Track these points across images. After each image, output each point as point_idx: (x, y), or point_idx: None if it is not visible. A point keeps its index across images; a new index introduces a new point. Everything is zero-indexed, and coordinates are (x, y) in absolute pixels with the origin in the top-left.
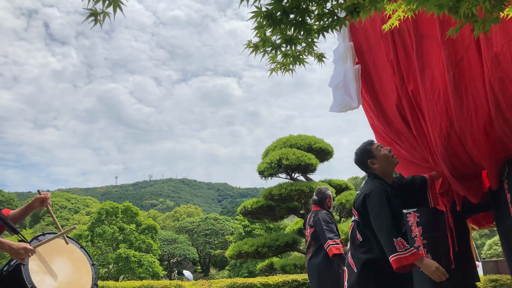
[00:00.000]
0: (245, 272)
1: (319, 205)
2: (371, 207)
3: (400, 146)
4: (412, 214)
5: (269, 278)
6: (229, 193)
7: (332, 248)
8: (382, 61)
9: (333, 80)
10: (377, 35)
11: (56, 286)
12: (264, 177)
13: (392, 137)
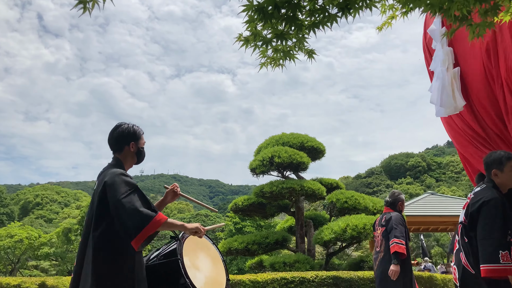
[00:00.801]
0: (235, 269)
1: (390, 207)
2: (484, 214)
3: (492, 148)
4: None
5: (257, 275)
6: (221, 190)
7: (395, 246)
8: (479, 71)
9: (436, 85)
10: (474, 46)
11: (204, 282)
12: (255, 174)
13: (483, 142)
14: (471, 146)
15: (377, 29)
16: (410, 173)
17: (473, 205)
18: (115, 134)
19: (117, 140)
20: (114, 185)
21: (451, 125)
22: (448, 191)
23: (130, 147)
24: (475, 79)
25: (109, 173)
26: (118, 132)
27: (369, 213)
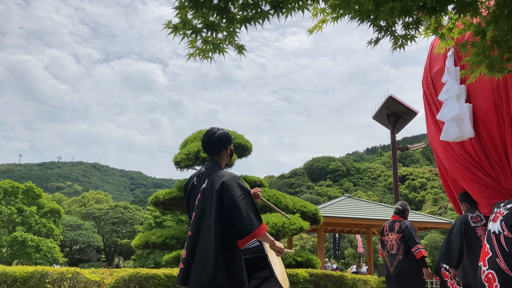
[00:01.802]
0: (152, 263)
1: (400, 215)
2: None
3: (489, 175)
4: None
5: (173, 270)
6: (143, 182)
7: (422, 251)
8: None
9: (449, 114)
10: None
11: (280, 277)
12: (180, 168)
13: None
14: (464, 169)
15: (308, 31)
16: (331, 176)
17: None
18: (214, 139)
19: (216, 144)
20: (231, 186)
21: (447, 149)
22: (364, 196)
23: (227, 150)
24: (485, 115)
25: (226, 174)
26: (217, 137)
27: (289, 211)
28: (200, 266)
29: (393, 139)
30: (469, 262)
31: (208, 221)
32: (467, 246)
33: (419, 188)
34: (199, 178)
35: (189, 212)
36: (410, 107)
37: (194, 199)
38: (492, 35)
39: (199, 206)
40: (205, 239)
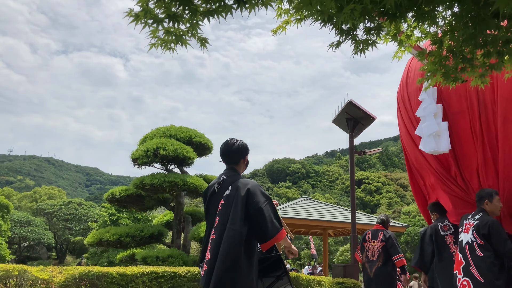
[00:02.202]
0: (105, 261)
1: (383, 225)
2: (496, 231)
3: (460, 187)
4: None
5: (127, 268)
6: (99, 178)
7: (403, 260)
8: (463, 126)
9: (426, 130)
10: (461, 105)
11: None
12: (137, 165)
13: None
14: (437, 180)
15: (271, 31)
16: (290, 178)
17: (483, 227)
18: (234, 149)
19: (236, 154)
20: (256, 193)
21: (423, 161)
22: (321, 198)
23: (245, 159)
24: (461, 132)
25: (250, 182)
26: (237, 147)
27: None
28: (226, 266)
29: (351, 143)
30: (439, 268)
31: (232, 225)
32: (437, 253)
33: (375, 192)
34: (220, 185)
35: (209, 216)
36: (369, 112)
37: (215, 204)
38: (448, 45)
39: (223, 211)
40: (230, 242)
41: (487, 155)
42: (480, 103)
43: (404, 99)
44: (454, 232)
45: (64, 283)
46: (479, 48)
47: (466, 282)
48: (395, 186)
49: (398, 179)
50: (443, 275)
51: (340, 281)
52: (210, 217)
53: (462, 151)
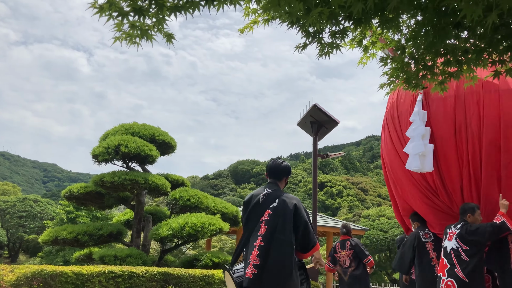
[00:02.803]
0: (61, 260)
1: (347, 234)
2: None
3: (443, 202)
4: None
5: (83, 268)
6: (58, 175)
7: (372, 261)
8: (451, 147)
9: (413, 150)
10: (450, 130)
11: None
12: (98, 162)
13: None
14: (421, 194)
15: (239, 31)
16: (254, 180)
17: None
18: (281, 168)
19: (282, 172)
20: (301, 209)
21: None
22: None
23: (286, 178)
24: (447, 153)
25: (294, 198)
26: (283, 167)
27: (209, 212)
28: (279, 269)
29: (315, 146)
30: (419, 270)
31: (282, 235)
32: (418, 257)
33: (336, 196)
34: (266, 197)
35: (250, 222)
36: (333, 116)
37: (259, 213)
38: (410, 52)
39: (271, 221)
40: (280, 249)
41: (471, 174)
42: (468, 129)
43: (394, 118)
44: (433, 240)
45: (15, 282)
46: (439, 56)
47: (451, 282)
48: (356, 190)
49: (359, 183)
50: (422, 277)
51: None
52: (252, 223)
53: (448, 170)
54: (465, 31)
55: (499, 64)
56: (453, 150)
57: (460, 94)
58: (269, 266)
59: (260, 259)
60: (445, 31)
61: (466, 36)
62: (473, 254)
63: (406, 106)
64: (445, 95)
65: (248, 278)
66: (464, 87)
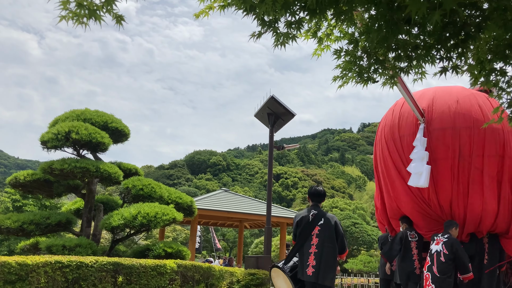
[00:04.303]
0: (5, 250)
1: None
2: (460, 251)
3: (433, 210)
4: None
5: (27, 258)
6: (4, 162)
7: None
8: (445, 168)
9: (414, 169)
10: (447, 152)
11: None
12: (47, 148)
13: (429, 205)
14: (414, 203)
15: (194, 15)
16: (211, 170)
17: (452, 245)
18: (322, 193)
19: (322, 196)
20: (339, 224)
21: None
22: (240, 191)
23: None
24: (443, 172)
25: (334, 216)
26: (324, 192)
27: (163, 202)
28: (329, 267)
29: (271, 137)
30: (401, 262)
31: (330, 244)
32: (403, 252)
33: (291, 187)
34: (314, 216)
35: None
36: (289, 109)
37: (310, 228)
38: (363, 46)
39: (321, 234)
40: (329, 254)
41: (459, 191)
42: (460, 154)
43: (395, 139)
44: (417, 240)
45: None
46: (391, 51)
47: (427, 275)
48: (310, 182)
49: (314, 175)
50: (403, 268)
51: (252, 272)
52: (304, 235)
53: (441, 186)
54: (416, 27)
55: (446, 61)
56: (448, 170)
57: (456, 127)
58: (323, 265)
59: (316, 261)
60: (397, 26)
61: (417, 33)
62: (449, 259)
63: (408, 131)
64: (444, 126)
65: (308, 276)
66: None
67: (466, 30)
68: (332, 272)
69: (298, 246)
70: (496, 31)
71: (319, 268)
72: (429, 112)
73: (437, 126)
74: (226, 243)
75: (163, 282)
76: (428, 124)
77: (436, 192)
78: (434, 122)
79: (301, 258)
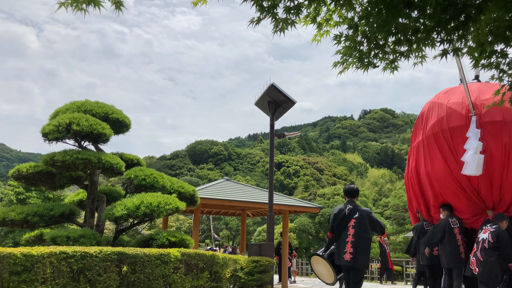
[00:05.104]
0: (11, 242)
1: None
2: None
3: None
4: None
5: (33, 249)
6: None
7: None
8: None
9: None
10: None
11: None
12: (48, 140)
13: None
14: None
15: (192, 3)
16: (212, 160)
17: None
18: (355, 190)
19: (356, 193)
20: (372, 214)
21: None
22: (242, 180)
23: (358, 196)
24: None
25: (368, 209)
26: (356, 189)
27: (166, 192)
28: (364, 254)
29: (272, 125)
30: (448, 248)
31: (365, 234)
32: (448, 238)
33: (293, 175)
34: (349, 211)
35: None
36: (289, 96)
37: (346, 221)
38: (363, 30)
39: (356, 226)
40: (364, 242)
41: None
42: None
43: (445, 132)
44: (459, 226)
45: None
46: (391, 35)
47: (473, 259)
48: (312, 170)
49: (315, 163)
50: (448, 254)
51: (255, 259)
52: (341, 227)
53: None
54: (416, 10)
55: (447, 44)
56: (499, 160)
57: (506, 121)
58: (359, 252)
59: (353, 249)
60: (397, 9)
61: (417, 16)
62: (493, 247)
63: (457, 123)
64: (493, 120)
65: (346, 260)
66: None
67: (466, 12)
68: (366, 257)
69: (336, 236)
70: (496, 12)
71: (355, 254)
72: (477, 106)
73: (487, 119)
74: (229, 232)
75: (168, 270)
76: (479, 117)
77: (486, 180)
78: (484, 116)
79: (338, 246)
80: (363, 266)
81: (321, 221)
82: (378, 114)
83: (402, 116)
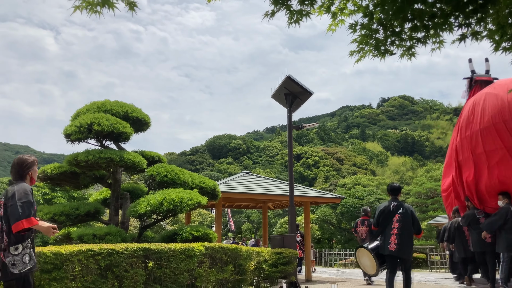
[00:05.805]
0: (39, 241)
1: (366, 215)
2: None
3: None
4: None
5: (61, 247)
6: None
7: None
8: None
9: None
10: None
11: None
12: (71, 141)
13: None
14: None
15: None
16: (231, 154)
17: None
18: (398, 187)
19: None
20: (414, 211)
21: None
22: (262, 173)
23: (400, 193)
24: None
25: (409, 206)
26: (400, 187)
27: (187, 187)
28: (409, 244)
29: (289, 117)
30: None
31: (408, 227)
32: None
33: (313, 166)
34: (395, 206)
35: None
36: (306, 87)
37: (392, 216)
38: (378, 18)
39: (400, 220)
40: (408, 235)
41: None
42: None
43: (506, 121)
44: (485, 216)
45: None
46: (407, 22)
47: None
48: (331, 160)
49: (334, 153)
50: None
51: (278, 251)
52: (386, 221)
53: None
54: None
55: (465, 28)
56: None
57: None
58: (403, 243)
59: (398, 240)
60: None
61: (433, 1)
62: None
63: None
64: None
65: (391, 251)
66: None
67: None
68: (410, 248)
69: (381, 229)
70: None
71: (400, 245)
72: None
73: None
74: (251, 225)
75: (192, 264)
76: None
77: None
78: None
79: (384, 238)
80: (407, 256)
81: (342, 211)
82: (396, 101)
83: (421, 102)
